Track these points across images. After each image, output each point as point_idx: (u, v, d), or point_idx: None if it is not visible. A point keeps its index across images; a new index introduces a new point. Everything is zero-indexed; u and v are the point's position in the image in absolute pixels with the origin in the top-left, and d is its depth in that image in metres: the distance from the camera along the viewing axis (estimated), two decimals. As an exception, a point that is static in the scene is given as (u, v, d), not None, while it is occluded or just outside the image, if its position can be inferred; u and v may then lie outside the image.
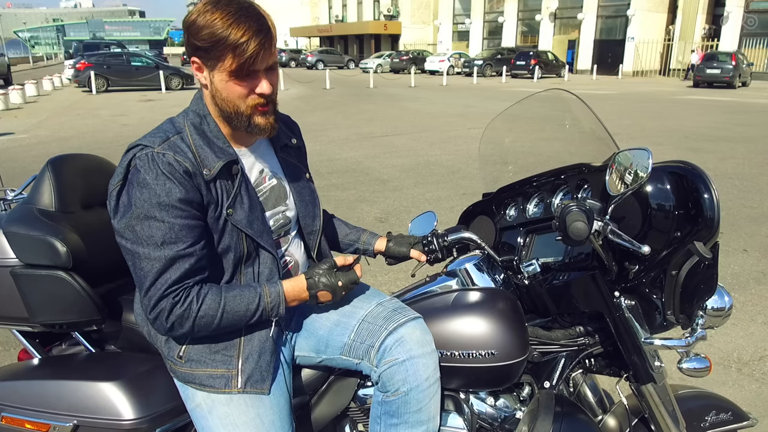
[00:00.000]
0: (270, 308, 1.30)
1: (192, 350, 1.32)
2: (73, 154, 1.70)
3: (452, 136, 10.63)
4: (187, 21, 1.22)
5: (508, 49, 35.61)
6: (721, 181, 7.03)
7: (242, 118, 1.28)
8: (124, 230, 1.21)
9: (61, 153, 1.72)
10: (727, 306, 1.42)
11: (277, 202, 1.43)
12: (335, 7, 59.05)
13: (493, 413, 1.50)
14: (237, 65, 1.20)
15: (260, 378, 1.32)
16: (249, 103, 1.27)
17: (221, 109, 1.29)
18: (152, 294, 1.21)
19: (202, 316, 1.24)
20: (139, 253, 1.20)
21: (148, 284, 1.21)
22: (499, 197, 1.68)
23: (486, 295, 1.46)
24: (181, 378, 1.34)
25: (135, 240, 1.20)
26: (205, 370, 1.31)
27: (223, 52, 1.19)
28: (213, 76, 1.25)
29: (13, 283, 1.47)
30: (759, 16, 29.28)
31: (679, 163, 1.30)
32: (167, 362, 1.37)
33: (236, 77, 1.23)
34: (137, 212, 1.19)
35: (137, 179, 1.20)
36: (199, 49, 1.22)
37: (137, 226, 1.19)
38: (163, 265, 1.20)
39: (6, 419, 1.41)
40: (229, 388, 1.30)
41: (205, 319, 1.24)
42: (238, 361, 1.31)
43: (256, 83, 1.25)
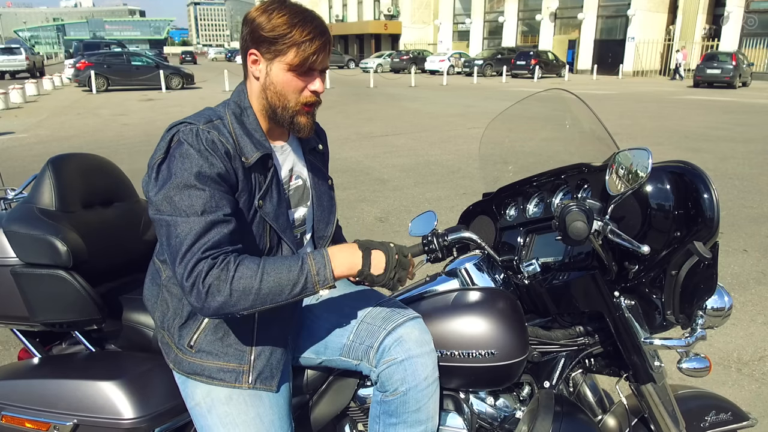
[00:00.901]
0: (315, 271, 1.21)
1: (204, 340, 1.31)
2: (73, 154, 1.71)
3: (452, 136, 10.63)
4: (251, 16, 1.29)
5: (509, 48, 35.62)
6: (721, 181, 7.03)
7: (288, 113, 1.32)
8: (161, 202, 1.19)
9: (62, 152, 1.72)
10: (727, 306, 1.42)
11: (299, 203, 1.46)
12: (335, 6, 59.03)
13: (493, 413, 1.50)
14: (299, 60, 1.26)
15: (270, 375, 1.33)
16: (300, 99, 1.32)
17: (269, 102, 1.32)
18: (188, 259, 1.16)
19: (240, 277, 1.17)
20: (177, 222, 1.18)
21: (184, 250, 1.17)
22: (499, 197, 1.68)
23: (486, 294, 1.46)
24: (187, 369, 1.32)
25: (173, 211, 1.18)
26: (216, 363, 1.31)
27: (288, 46, 1.25)
28: (270, 68, 1.29)
29: (13, 283, 1.47)
30: (759, 16, 29.28)
31: (679, 163, 1.30)
32: (173, 352, 1.34)
33: (295, 71, 1.28)
34: (177, 182, 1.19)
35: (180, 151, 1.21)
36: (263, 41, 1.26)
37: (176, 196, 1.18)
38: (201, 229, 1.17)
39: (6, 418, 1.42)
40: (239, 383, 1.31)
41: (244, 281, 1.17)
42: (250, 357, 1.32)
43: (311, 80, 1.31)
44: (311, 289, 1.21)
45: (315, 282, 1.21)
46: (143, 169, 1.32)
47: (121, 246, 1.74)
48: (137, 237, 1.82)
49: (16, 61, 27.86)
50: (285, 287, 1.20)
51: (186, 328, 1.32)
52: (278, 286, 1.19)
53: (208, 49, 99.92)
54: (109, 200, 1.76)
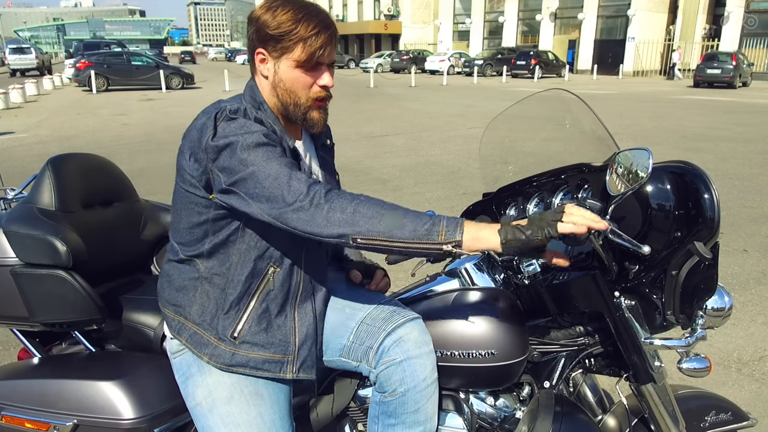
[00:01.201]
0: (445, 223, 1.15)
1: (248, 331, 1.31)
2: (73, 154, 1.71)
3: (452, 136, 10.63)
4: (256, 14, 1.29)
5: (509, 48, 35.62)
6: (722, 181, 7.03)
7: (300, 110, 1.32)
8: (237, 165, 1.17)
9: (62, 152, 1.72)
10: (727, 306, 1.42)
11: None
12: (335, 6, 59.03)
13: (493, 413, 1.50)
14: (306, 56, 1.26)
15: (311, 364, 1.36)
16: (311, 95, 1.32)
17: (281, 100, 1.32)
18: (296, 185, 1.15)
19: (364, 201, 1.17)
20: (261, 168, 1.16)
21: (285, 179, 1.15)
22: (500, 197, 1.68)
23: (486, 294, 1.46)
24: (229, 361, 1.30)
25: (251, 164, 1.17)
26: (262, 354, 1.31)
27: (294, 42, 1.25)
28: (278, 66, 1.29)
29: (13, 283, 1.47)
30: (759, 16, 29.28)
31: (680, 163, 1.30)
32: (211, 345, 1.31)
33: (303, 68, 1.28)
34: (245, 144, 1.18)
35: (236, 124, 1.21)
36: (269, 40, 1.27)
37: (249, 155, 1.17)
38: (289, 165, 1.18)
39: (6, 418, 1.42)
40: (284, 372, 1.32)
41: (368, 204, 1.16)
42: (295, 347, 1.33)
43: (320, 75, 1.31)
44: (435, 237, 1.14)
45: (441, 231, 1.14)
46: (143, 169, 1.33)
47: (121, 246, 1.74)
48: (137, 237, 1.82)
49: (27, 60, 31.06)
50: (409, 223, 1.14)
51: (229, 319, 1.31)
52: (403, 219, 1.15)
53: (208, 49, 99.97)
54: (109, 200, 1.76)
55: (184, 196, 1.29)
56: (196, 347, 1.33)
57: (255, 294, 1.31)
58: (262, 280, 1.31)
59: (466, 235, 1.15)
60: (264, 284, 1.32)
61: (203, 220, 1.29)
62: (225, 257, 1.31)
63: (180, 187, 1.30)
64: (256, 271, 1.31)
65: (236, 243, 1.29)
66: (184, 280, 1.35)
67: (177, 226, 1.34)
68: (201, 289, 1.34)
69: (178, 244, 1.35)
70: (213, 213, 1.27)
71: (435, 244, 1.15)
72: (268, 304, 1.32)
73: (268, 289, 1.32)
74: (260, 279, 1.31)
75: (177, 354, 1.37)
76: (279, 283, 1.32)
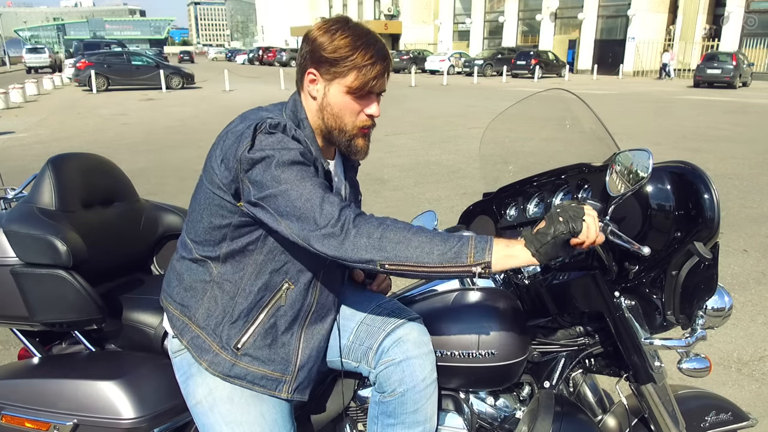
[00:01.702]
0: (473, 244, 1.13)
1: (252, 345, 1.30)
2: (73, 153, 1.71)
3: (452, 136, 10.63)
4: (313, 34, 1.26)
5: (509, 48, 35.62)
6: (721, 181, 7.02)
7: (345, 136, 1.31)
8: (270, 181, 1.16)
9: (62, 152, 1.72)
10: (727, 306, 1.42)
11: None
12: (336, 6, 59.03)
13: (493, 413, 1.50)
14: (359, 83, 1.25)
15: (306, 385, 1.36)
16: (357, 123, 1.31)
17: (326, 123, 1.31)
18: (329, 209, 1.14)
19: (392, 227, 1.15)
20: (294, 187, 1.16)
21: (318, 202, 1.15)
22: (500, 197, 1.68)
23: (486, 295, 1.46)
24: (226, 371, 1.29)
25: (285, 181, 1.16)
26: (262, 370, 1.30)
27: (348, 68, 1.24)
28: (329, 90, 1.28)
29: (13, 282, 1.47)
30: (759, 16, 29.28)
31: (680, 164, 1.30)
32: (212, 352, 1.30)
33: (353, 94, 1.27)
34: (283, 160, 1.17)
35: (274, 138, 1.19)
36: (323, 62, 1.25)
37: (283, 173, 1.16)
38: (322, 186, 1.17)
39: (6, 418, 1.42)
40: (279, 391, 1.31)
41: (396, 230, 1.15)
42: (295, 368, 1.33)
43: (369, 104, 1.30)
44: (464, 259, 1.12)
45: (470, 253, 1.12)
46: (143, 168, 1.32)
47: (121, 246, 1.74)
48: (137, 237, 1.82)
49: (41, 58, 36.77)
50: (437, 248, 1.13)
51: (235, 329, 1.30)
52: (431, 244, 1.13)
53: (209, 49, 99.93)
54: (109, 200, 1.76)
55: (210, 196, 1.27)
56: (196, 351, 1.32)
57: (265, 307, 1.30)
58: (275, 295, 1.30)
59: (496, 254, 1.13)
60: (276, 299, 1.30)
61: (225, 224, 1.26)
62: (240, 265, 1.29)
63: (206, 187, 1.27)
64: (270, 284, 1.29)
65: (254, 253, 1.28)
66: (194, 281, 1.33)
67: (196, 224, 1.31)
68: (210, 293, 1.32)
69: (193, 242, 1.33)
70: (237, 219, 1.25)
71: (464, 266, 1.13)
72: (277, 320, 1.31)
73: (279, 305, 1.30)
74: (273, 293, 1.30)
75: (178, 353, 1.37)
76: (291, 300, 1.31)
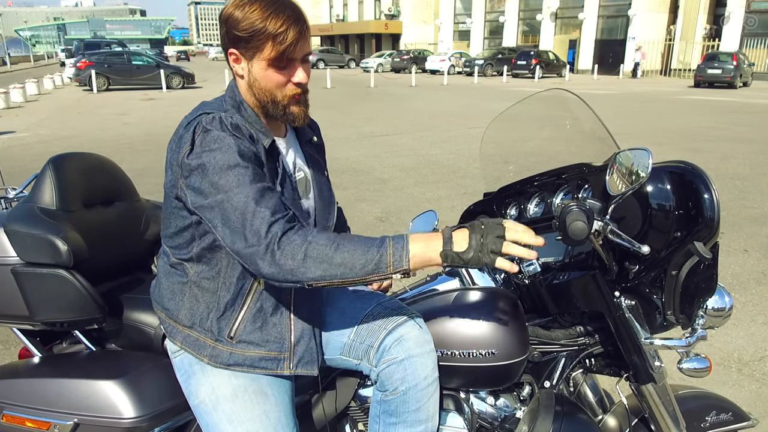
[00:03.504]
0: (392, 251, 1.14)
1: (243, 331, 1.31)
2: (74, 153, 1.71)
3: (453, 136, 10.63)
4: (225, 14, 1.26)
5: (509, 48, 35.60)
6: (722, 181, 7.02)
7: (278, 107, 1.31)
8: (208, 189, 1.17)
9: (62, 152, 1.72)
10: (728, 306, 1.42)
11: (303, 194, 1.45)
12: (336, 6, 59.02)
13: (494, 413, 1.50)
14: (277, 54, 1.24)
15: (311, 359, 1.35)
16: (286, 92, 1.30)
17: (258, 98, 1.31)
18: (258, 225, 1.14)
19: (316, 243, 1.14)
20: (230, 197, 1.16)
21: (250, 217, 1.14)
22: (500, 197, 1.68)
23: (486, 294, 1.46)
24: (227, 361, 1.30)
25: (221, 190, 1.16)
26: (258, 352, 1.31)
27: (263, 41, 1.23)
28: (252, 66, 1.28)
29: (14, 282, 1.47)
30: (760, 16, 29.25)
31: (680, 163, 1.30)
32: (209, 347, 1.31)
33: (275, 66, 1.26)
34: (219, 165, 1.17)
35: (210, 137, 1.19)
36: (239, 40, 1.25)
37: (221, 179, 1.17)
38: (257, 194, 1.16)
39: (7, 417, 1.42)
40: (281, 369, 1.32)
41: (319, 248, 1.14)
42: (290, 343, 1.33)
43: (293, 72, 1.29)
44: (384, 269, 1.15)
45: (389, 263, 1.14)
46: (144, 168, 1.33)
47: (121, 245, 1.74)
48: (138, 236, 1.82)
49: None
50: (358, 261, 1.14)
51: (224, 320, 1.31)
52: (352, 259, 1.14)
53: (209, 49, 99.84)
54: (110, 199, 1.76)
55: (170, 200, 1.29)
56: (194, 349, 1.33)
57: (249, 294, 1.31)
58: (255, 280, 1.31)
59: (413, 261, 1.15)
60: (257, 283, 1.31)
61: (188, 224, 1.28)
62: (214, 261, 1.30)
63: (167, 192, 1.29)
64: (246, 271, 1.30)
65: (222, 247, 1.27)
66: (173, 284, 1.36)
67: (167, 229, 1.34)
68: (189, 294, 1.34)
69: (169, 247, 1.35)
70: (195, 218, 1.26)
71: (385, 275, 1.16)
72: (263, 303, 1.32)
73: (261, 288, 1.32)
74: (253, 278, 1.31)
75: (176, 353, 1.37)
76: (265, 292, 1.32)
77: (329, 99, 18.09)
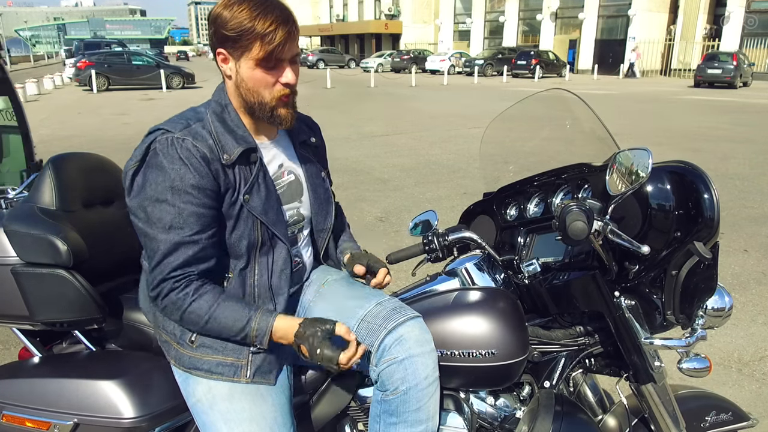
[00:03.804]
0: (254, 335, 1.27)
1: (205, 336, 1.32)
2: (74, 153, 1.71)
3: (453, 136, 10.63)
4: (214, 13, 1.26)
5: (509, 48, 35.60)
6: (722, 181, 7.02)
7: (266, 108, 1.31)
8: (137, 209, 1.25)
9: (62, 152, 1.72)
10: (728, 306, 1.42)
11: (292, 198, 1.46)
12: (336, 6, 59.03)
13: (493, 413, 1.50)
14: (265, 54, 1.24)
15: (268, 369, 1.34)
16: (274, 93, 1.30)
17: (245, 99, 1.32)
18: (156, 274, 1.24)
19: (191, 311, 1.25)
20: (149, 233, 1.24)
21: (154, 264, 1.25)
22: (500, 197, 1.68)
23: (486, 294, 1.46)
24: (187, 364, 1.33)
25: (146, 220, 1.24)
26: (216, 357, 1.32)
27: (251, 41, 1.23)
28: (239, 66, 1.28)
29: (13, 282, 1.47)
30: (760, 16, 29.25)
31: (679, 163, 1.30)
32: (173, 349, 1.35)
33: (263, 66, 1.26)
34: (150, 194, 1.23)
35: (155, 161, 1.24)
36: (227, 40, 1.25)
37: (149, 207, 1.23)
38: (167, 249, 1.23)
39: (7, 417, 1.42)
40: (237, 377, 1.32)
41: (192, 317, 1.26)
42: (248, 351, 1.33)
43: (281, 73, 1.29)
44: (249, 342, 1.29)
45: (253, 342, 1.28)
46: (144, 168, 1.32)
47: (121, 245, 1.74)
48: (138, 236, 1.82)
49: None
50: (225, 335, 1.28)
51: None
52: (219, 332, 1.28)
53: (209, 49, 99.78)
54: (110, 199, 1.76)
55: None
56: (165, 350, 1.39)
57: None
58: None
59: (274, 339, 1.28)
60: None
61: None
62: None
63: None
64: None
65: None
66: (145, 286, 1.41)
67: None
68: None
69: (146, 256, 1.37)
70: None
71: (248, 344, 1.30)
72: None
73: None
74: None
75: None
76: (233, 290, 1.34)
77: (329, 99, 18.09)
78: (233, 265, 1.35)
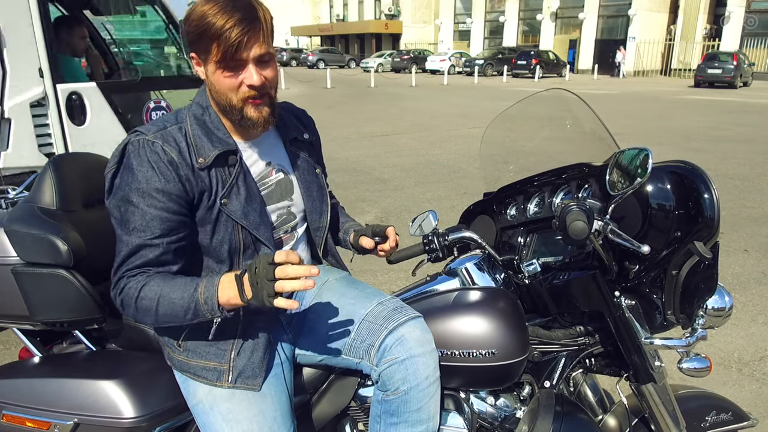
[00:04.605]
0: (203, 300, 1.19)
1: (191, 339, 1.33)
2: (74, 153, 1.71)
3: (453, 136, 10.63)
4: (186, 14, 1.25)
5: (509, 48, 35.61)
6: (722, 181, 7.03)
7: (234, 111, 1.29)
8: (113, 210, 1.26)
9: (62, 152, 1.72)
10: (728, 306, 1.42)
11: (282, 197, 1.44)
12: (336, 6, 59.03)
13: (494, 412, 1.50)
14: (221, 54, 1.20)
15: (252, 374, 1.32)
16: (239, 96, 1.27)
17: (217, 101, 1.31)
18: (117, 272, 1.25)
19: (143, 297, 1.22)
20: (118, 234, 1.25)
21: (116, 264, 1.25)
22: (500, 197, 1.68)
23: (486, 294, 1.46)
24: (178, 366, 1.36)
25: (117, 220, 1.25)
26: (200, 362, 1.32)
27: (210, 41, 1.20)
28: (208, 69, 1.27)
29: (14, 282, 1.47)
30: (760, 16, 29.26)
31: (680, 163, 1.30)
32: (166, 349, 1.38)
33: (223, 67, 1.23)
34: (120, 195, 1.24)
35: (127, 163, 1.25)
36: (193, 42, 1.24)
37: (121, 207, 1.24)
38: (129, 250, 1.23)
39: (7, 417, 1.42)
40: (219, 381, 1.31)
41: (145, 302, 1.21)
42: (230, 356, 1.32)
43: (244, 73, 1.24)
44: (204, 315, 1.21)
45: (205, 310, 1.20)
46: (144, 168, 1.32)
47: (121, 245, 1.74)
48: None
49: None
50: (179, 312, 1.22)
51: (174, 328, 1.34)
52: (172, 310, 1.22)
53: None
54: (110, 199, 1.76)
55: None
56: (164, 352, 1.40)
57: None
58: None
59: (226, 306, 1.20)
60: None
61: None
62: None
63: None
64: None
65: None
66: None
67: None
68: None
69: None
70: None
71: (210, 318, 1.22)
72: None
73: None
74: None
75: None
76: None
77: (329, 99, 18.09)
78: (218, 269, 1.34)
